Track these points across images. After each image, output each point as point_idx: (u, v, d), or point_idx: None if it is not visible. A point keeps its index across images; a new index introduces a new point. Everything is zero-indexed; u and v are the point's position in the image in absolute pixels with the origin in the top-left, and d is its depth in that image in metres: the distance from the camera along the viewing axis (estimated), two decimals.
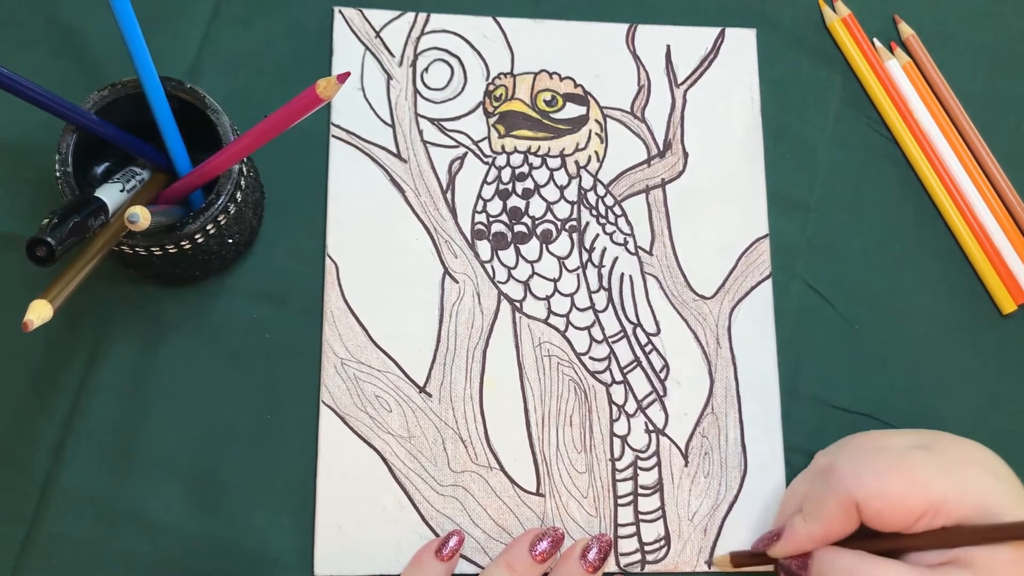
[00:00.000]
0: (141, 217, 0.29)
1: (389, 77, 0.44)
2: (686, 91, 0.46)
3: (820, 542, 0.36)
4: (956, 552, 0.34)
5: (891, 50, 0.47)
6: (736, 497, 0.41)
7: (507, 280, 0.43)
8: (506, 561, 0.37)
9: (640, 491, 0.41)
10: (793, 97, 0.46)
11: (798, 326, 0.44)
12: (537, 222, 0.43)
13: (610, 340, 0.42)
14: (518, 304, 0.42)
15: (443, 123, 0.44)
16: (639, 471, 0.41)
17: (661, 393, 0.42)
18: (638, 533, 0.41)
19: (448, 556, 0.38)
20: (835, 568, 0.35)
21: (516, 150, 0.44)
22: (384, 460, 0.40)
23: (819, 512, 0.36)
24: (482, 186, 0.43)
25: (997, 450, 0.43)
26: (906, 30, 0.47)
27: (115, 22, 0.34)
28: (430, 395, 0.41)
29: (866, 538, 0.36)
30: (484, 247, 0.43)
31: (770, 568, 0.39)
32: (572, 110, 0.45)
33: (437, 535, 0.39)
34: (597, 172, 0.44)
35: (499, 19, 0.45)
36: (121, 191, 0.35)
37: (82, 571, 0.38)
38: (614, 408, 0.42)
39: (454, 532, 0.39)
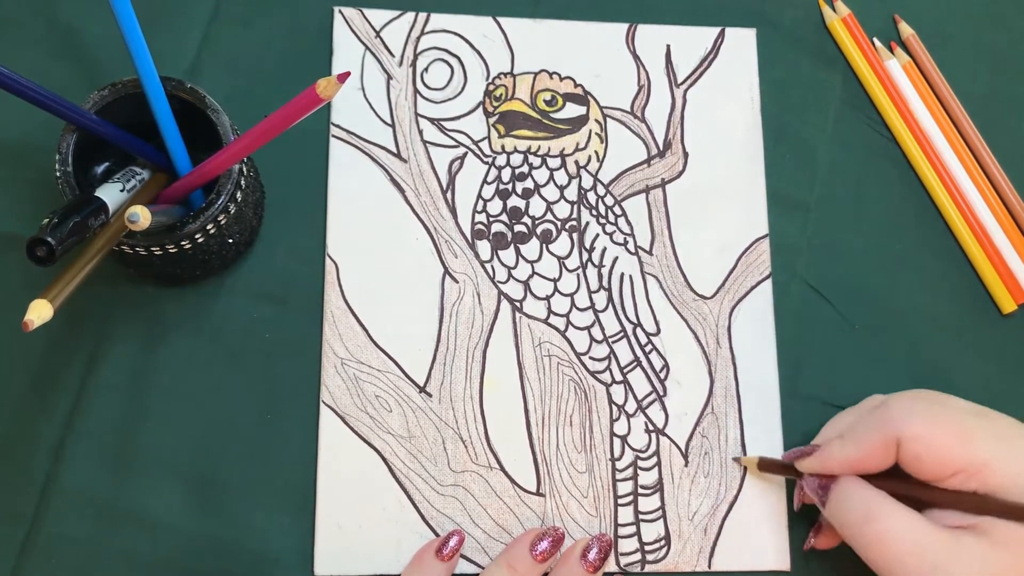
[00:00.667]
0: (141, 217, 0.29)
1: (389, 77, 0.44)
2: (686, 91, 0.46)
3: (852, 468, 0.36)
4: (980, 519, 0.34)
5: (891, 50, 0.47)
6: (736, 497, 0.41)
7: (507, 280, 0.43)
8: (507, 561, 0.37)
9: (640, 491, 0.41)
10: (793, 97, 0.46)
11: (798, 326, 0.44)
12: (537, 222, 0.43)
13: (610, 340, 0.42)
14: (518, 304, 0.42)
15: (443, 123, 0.44)
16: (639, 471, 0.41)
17: (661, 393, 0.42)
18: (638, 533, 0.41)
19: (448, 556, 0.38)
20: (853, 499, 0.35)
21: (516, 150, 0.44)
22: (384, 460, 0.40)
23: (859, 439, 0.35)
24: (482, 186, 0.43)
25: None
26: (906, 30, 0.47)
27: (115, 22, 0.34)
28: (430, 395, 0.41)
29: (896, 480, 0.35)
30: (484, 247, 0.43)
31: (791, 480, 0.39)
32: (572, 110, 0.45)
33: (437, 535, 0.39)
34: (597, 172, 0.44)
35: (499, 19, 0.45)
36: (121, 191, 0.35)
37: (82, 571, 0.38)
38: (614, 408, 0.42)
39: (454, 532, 0.39)
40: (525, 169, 0.44)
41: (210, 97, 0.36)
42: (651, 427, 0.42)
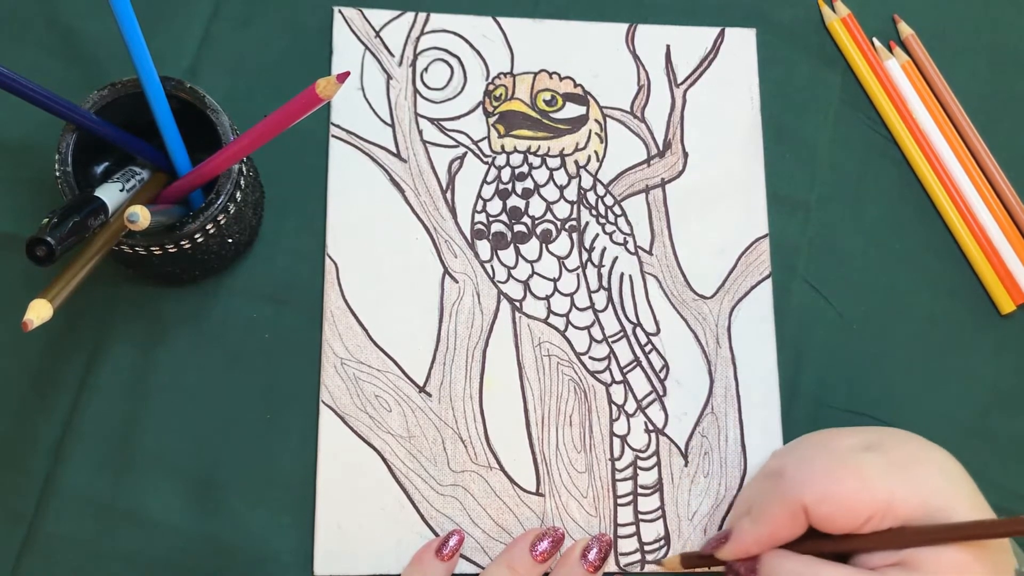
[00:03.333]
0: (141, 216, 0.29)
1: (389, 77, 0.44)
2: (686, 91, 0.46)
3: (767, 545, 0.36)
4: (904, 553, 0.34)
5: (890, 50, 0.47)
6: (736, 497, 0.41)
7: (507, 280, 0.43)
8: (507, 561, 0.37)
9: (640, 491, 0.41)
10: (793, 97, 0.46)
11: (798, 326, 0.44)
12: (537, 222, 0.43)
13: (610, 340, 0.42)
14: (518, 304, 0.42)
15: (443, 123, 0.44)
16: (639, 471, 0.41)
17: (661, 393, 0.42)
18: (638, 533, 0.41)
19: (448, 556, 0.38)
20: (782, 572, 0.35)
21: (516, 150, 0.44)
22: (384, 460, 0.40)
23: (766, 515, 0.35)
24: (482, 186, 0.43)
25: (997, 450, 0.43)
26: (905, 30, 0.47)
27: (115, 22, 0.34)
28: (430, 395, 0.41)
29: (814, 539, 0.35)
30: (484, 247, 0.43)
31: (720, 570, 0.38)
32: (572, 110, 0.45)
33: (437, 535, 0.39)
34: (597, 172, 0.44)
35: (499, 19, 0.45)
36: (121, 191, 0.35)
37: (81, 571, 0.38)
38: (614, 408, 0.42)
39: (454, 531, 0.39)
40: (525, 169, 0.44)
41: (210, 97, 0.36)
42: (651, 427, 0.42)
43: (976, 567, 0.33)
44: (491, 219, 0.43)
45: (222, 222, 0.36)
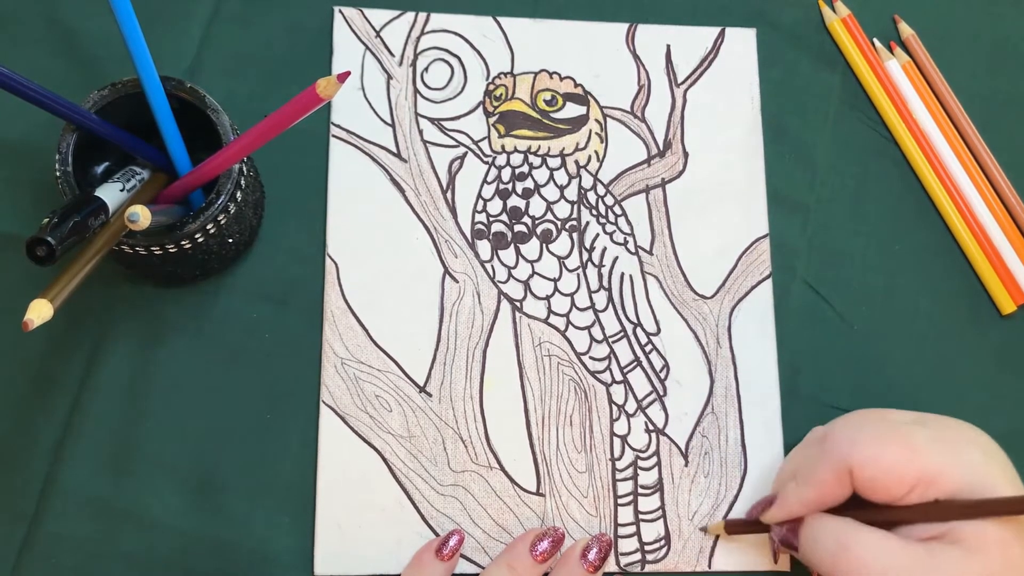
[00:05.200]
0: (141, 216, 0.29)
1: (389, 77, 0.44)
2: (686, 91, 0.46)
3: (812, 507, 0.36)
4: (946, 527, 0.34)
5: (891, 50, 0.47)
6: (736, 497, 0.41)
7: (507, 280, 0.43)
8: (507, 561, 0.37)
9: (640, 491, 0.41)
10: (793, 97, 0.46)
11: (798, 326, 0.44)
12: (537, 222, 0.43)
13: (610, 340, 0.42)
14: (518, 304, 0.42)
15: (443, 123, 0.44)
16: (639, 471, 0.41)
17: (661, 393, 0.42)
18: (638, 533, 0.41)
19: (448, 555, 0.38)
20: (824, 532, 0.35)
21: (516, 150, 0.44)
22: (384, 460, 0.40)
23: (812, 477, 0.36)
24: (482, 186, 0.43)
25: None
26: (906, 30, 0.47)
27: (115, 22, 0.34)
28: (430, 395, 0.41)
29: (858, 509, 0.36)
30: (484, 247, 0.43)
31: (764, 535, 0.39)
32: (572, 110, 0.45)
33: (437, 535, 0.39)
34: (597, 172, 0.44)
35: (499, 19, 0.45)
36: (121, 190, 0.35)
37: (81, 571, 0.38)
38: (614, 408, 0.42)
39: (454, 531, 0.39)
40: (525, 169, 0.44)
41: (210, 97, 0.36)
42: (651, 427, 0.42)
43: (1018, 545, 0.33)
44: (491, 219, 0.43)
45: (222, 222, 0.36)
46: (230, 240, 0.39)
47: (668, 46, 0.46)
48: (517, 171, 0.44)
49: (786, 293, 0.44)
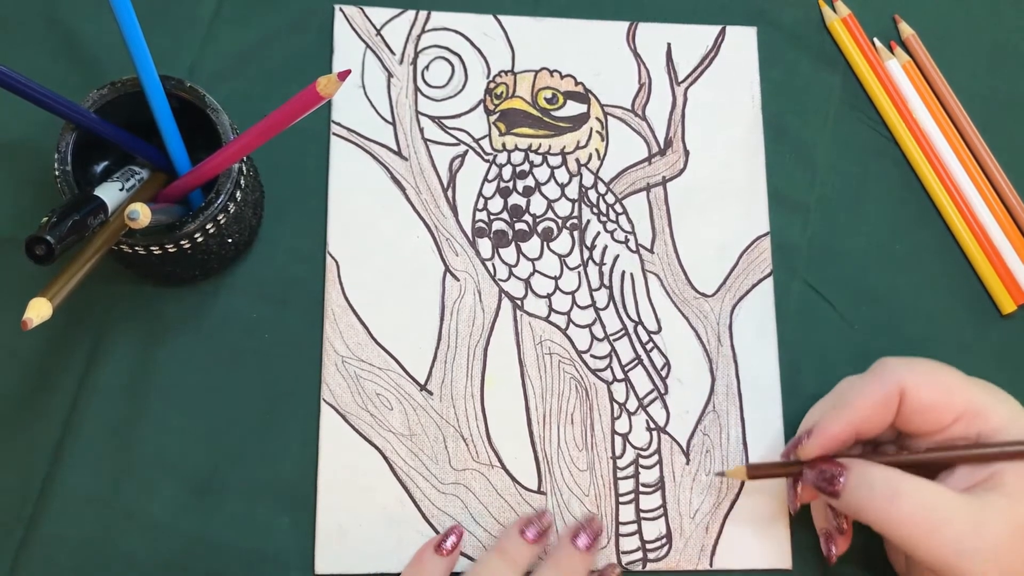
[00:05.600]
0: (141, 214, 0.29)
1: (390, 75, 0.44)
2: (687, 89, 0.46)
3: (851, 432, 0.35)
4: (986, 473, 0.34)
5: (891, 50, 0.47)
6: (738, 495, 0.41)
7: (508, 278, 0.43)
8: (497, 548, 0.37)
9: (641, 489, 0.41)
10: (793, 97, 0.46)
11: (798, 325, 0.44)
12: (538, 220, 0.43)
13: (611, 338, 0.42)
14: (519, 302, 0.42)
15: (444, 121, 0.44)
16: (640, 469, 0.41)
17: (662, 391, 0.42)
18: (639, 531, 0.41)
19: (448, 551, 0.38)
20: (875, 479, 0.34)
21: (517, 148, 0.44)
22: (385, 458, 0.40)
23: (858, 399, 0.35)
24: (483, 184, 0.43)
25: None
26: (906, 30, 0.47)
27: (115, 21, 0.33)
28: (431, 393, 0.41)
29: (899, 454, 0.36)
30: (485, 245, 0.43)
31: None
32: (573, 108, 0.45)
33: (439, 533, 0.39)
34: (598, 170, 0.44)
35: (500, 17, 0.45)
36: (120, 190, 0.35)
37: (81, 571, 0.38)
38: (615, 406, 0.42)
39: (454, 528, 0.39)
40: (526, 167, 0.44)
41: (209, 96, 0.36)
42: (652, 425, 0.42)
43: None
44: (492, 217, 0.43)
45: (222, 222, 0.36)
46: (229, 240, 0.38)
47: (669, 44, 0.46)
48: (518, 169, 0.44)
49: (786, 292, 0.44)
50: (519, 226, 0.43)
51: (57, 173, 0.34)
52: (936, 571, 0.34)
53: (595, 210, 0.44)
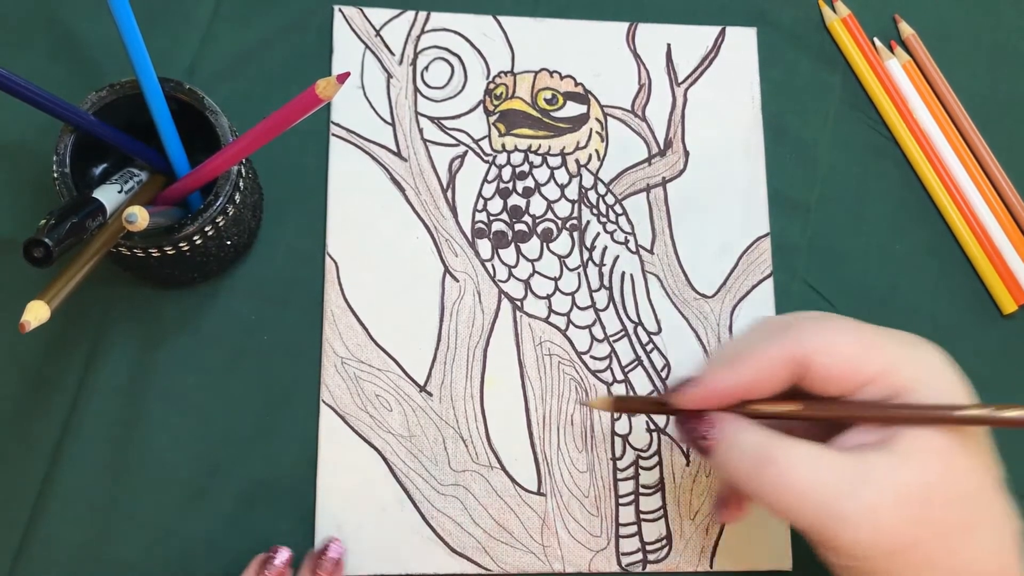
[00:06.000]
0: (139, 217, 0.29)
1: (389, 76, 0.44)
2: (687, 90, 0.45)
3: (739, 394, 0.32)
4: (888, 433, 0.31)
5: (891, 49, 0.47)
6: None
7: (508, 279, 0.43)
8: None
9: (641, 490, 0.41)
10: (793, 97, 0.46)
11: None
12: (538, 221, 0.43)
13: (611, 339, 0.42)
14: (519, 303, 0.42)
15: (443, 121, 0.44)
16: (640, 470, 0.41)
17: (663, 392, 0.42)
18: (639, 533, 0.41)
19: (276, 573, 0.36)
20: (743, 443, 0.31)
21: (516, 148, 0.44)
22: (384, 459, 0.40)
23: (754, 358, 0.32)
24: (482, 185, 0.43)
25: (999, 449, 0.43)
26: (906, 29, 0.47)
27: (113, 23, 0.33)
28: (431, 394, 0.41)
29: (802, 403, 0.33)
30: (484, 246, 0.43)
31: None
32: (572, 108, 0.44)
33: (438, 534, 0.39)
34: (598, 171, 0.44)
35: (499, 17, 0.45)
36: (119, 192, 0.35)
37: (80, 572, 0.38)
38: None
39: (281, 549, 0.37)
40: (525, 168, 0.44)
41: (208, 98, 0.36)
42: (652, 426, 0.42)
43: (959, 458, 0.30)
44: (492, 218, 0.43)
45: (220, 224, 0.36)
46: (228, 242, 0.38)
47: (668, 45, 0.46)
48: (517, 170, 0.44)
49: (787, 292, 0.44)
50: (519, 227, 0.43)
51: (56, 175, 0.34)
52: (812, 540, 0.31)
53: (595, 211, 0.44)
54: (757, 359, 0.32)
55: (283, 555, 0.36)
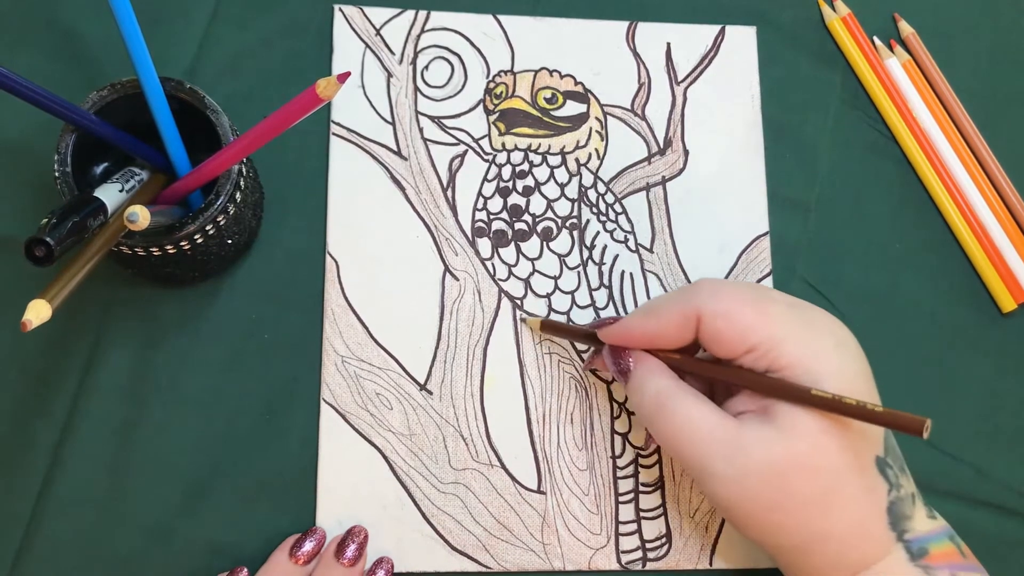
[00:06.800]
0: (140, 216, 0.29)
1: (389, 75, 0.44)
2: (686, 89, 0.45)
3: (648, 339, 0.36)
4: (767, 403, 0.34)
5: (891, 48, 0.47)
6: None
7: (508, 278, 0.43)
8: (264, 571, 0.37)
9: (641, 488, 0.41)
10: (793, 96, 0.46)
11: None
12: (538, 220, 0.43)
13: None
14: (519, 301, 0.42)
15: (443, 121, 0.44)
16: (640, 468, 0.41)
17: None
18: (639, 531, 0.41)
19: (304, 560, 0.37)
20: (648, 386, 0.35)
21: (516, 148, 0.44)
22: (385, 458, 0.40)
23: (661, 312, 0.35)
24: (482, 184, 0.43)
25: (997, 448, 0.43)
26: (906, 28, 0.47)
27: (115, 22, 0.33)
28: (431, 392, 0.41)
29: (693, 360, 0.36)
30: (485, 244, 0.43)
31: (578, 347, 0.41)
32: (572, 108, 0.45)
33: (438, 532, 0.39)
34: (597, 170, 0.44)
35: (499, 16, 0.45)
36: (120, 191, 0.35)
37: (80, 573, 0.38)
38: (615, 405, 0.42)
39: (310, 531, 0.38)
40: (525, 167, 0.44)
41: (209, 97, 0.36)
42: None
43: (832, 438, 0.33)
44: (492, 217, 0.43)
45: (221, 223, 0.36)
46: (229, 241, 0.38)
47: (668, 44, 0.46)
48: (517, 169, 0.44)
49: (786, 291, 0.44)
50: (519, 226, 0.43)
51: (57, 174, 0.34)
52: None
53: (595, 210, 0.44)
54: (662, 312, 0.35)
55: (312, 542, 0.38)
